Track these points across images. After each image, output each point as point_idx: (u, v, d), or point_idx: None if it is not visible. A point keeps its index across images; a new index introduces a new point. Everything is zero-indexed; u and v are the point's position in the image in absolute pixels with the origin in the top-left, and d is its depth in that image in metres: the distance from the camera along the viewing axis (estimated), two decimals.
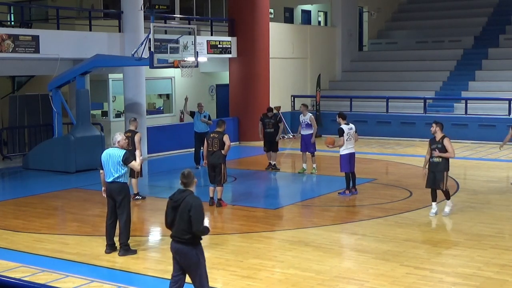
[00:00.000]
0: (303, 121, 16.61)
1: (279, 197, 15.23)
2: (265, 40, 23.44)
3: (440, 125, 12.22)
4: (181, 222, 7.05)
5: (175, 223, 7.11)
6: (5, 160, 19.24)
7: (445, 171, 11.96)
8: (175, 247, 7.13)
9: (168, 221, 7.23)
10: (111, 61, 18.27)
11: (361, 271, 9.01)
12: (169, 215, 7.20)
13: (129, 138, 13.39)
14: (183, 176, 7.25)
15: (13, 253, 10.11)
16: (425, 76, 27.06)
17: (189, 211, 7.01)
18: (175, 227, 7.13)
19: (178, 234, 7.09)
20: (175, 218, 7.11)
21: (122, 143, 10.09)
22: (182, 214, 7.04)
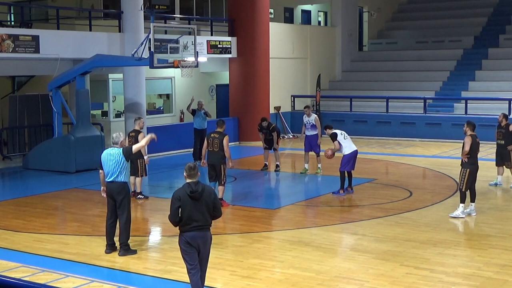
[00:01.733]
0: (308, 122, 16.64)
1: (279, 197, 15.23)
2: (265, 40, 23.44)
3: (471, 125, 12.06)
4: (206, 211, 7.46)
5: (198, 213, 7.42)
6: (5, 160, 19.24)
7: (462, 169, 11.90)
8: (202, 235, 7.48)
9: (185, 215, 7.40)
10: (111, 61, 18.26)
11: (361, 271, 9.01)
12: (187, 208, 7.40)
13: (133, 138, 13.53)
14: (190, 168, 7.58)
15: (13, 253, 10.11)
16: (425, 76, 27.07)
17: (214, 199, 7.54)
18: (198, 217, 7.41)
19: (204, 222, 7.47)
20: (196, 209, 7.41)
21: (124, 143, 10.13)
22: (207, 203, 7.46)
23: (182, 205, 7.42)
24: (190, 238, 7.46)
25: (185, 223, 7.44)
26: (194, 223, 7.42)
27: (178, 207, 7.42)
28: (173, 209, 7.43)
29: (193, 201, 7.42)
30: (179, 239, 7.56)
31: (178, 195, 7.47)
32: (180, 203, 7.42)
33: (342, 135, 14.08)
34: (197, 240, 7.47)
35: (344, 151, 14.01)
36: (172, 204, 7.46)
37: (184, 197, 7.43)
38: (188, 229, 7.44)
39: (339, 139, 14.00)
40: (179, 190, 7.57)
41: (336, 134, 14.04)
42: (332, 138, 14.09)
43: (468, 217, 11.96)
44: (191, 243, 7.46)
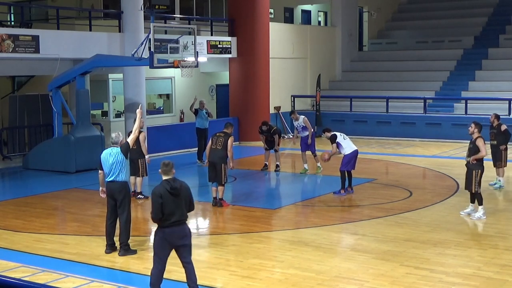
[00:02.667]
0: (298, 125, 16.82)
1: (279, 197, 15.23)
2: (265, 40, 23.43)
3: (479, 126, 11.98)
4: (184, 206, 7.76)
5: (178, 209, 7.66)
6: (5, 160, 19.23)
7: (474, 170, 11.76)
8: (181, 229, 7.73)
9: (166, 211, 7.60)
10: (111, 61, 18.26)
11: (361, 271, 9.01)
12: (169, 205, 7.61)
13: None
14: (164, 165, 7.86)
15: (13, 253, 10.11)
16: (425, 76, 27.07)
17: (190, 194, 7.86)
18: (177, 212, 7.66)
19: (183, 217, 7.75)
20: (176, 205, 7.66)
21: (123, 143, 10.13)
22: (185, 198, 7.79)
23: (164, 202, 7.62)
24: (168, 234, 7.68)
25: (166, 219, 7.65)
26: (174, 218, 7.66)
27: (161, 204, 7.61)
28: (156, 207, 7.61)
29: (173, 197, 7.67)
30: (156, 234, 7.79)
31: (159, 193, 7.66)
32: (162, 200, 7.61)
33: (341, 136, 14.11)
34: (174, 236, 7.68)
35: (345, 152, 14.02)
36: (154, 202, 7.64)
37: (165, 194, 7.64)
38: (168, 224, 7.65)
39: (339, 140, 14.00)
40: (159, 187, 7.75)
41: (336, 136, 14.06)
42: (331, 140, 14.08)
43: (467, 217, 11.96)
44: (167, 239, 7.68)
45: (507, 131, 14.59)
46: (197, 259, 9.70)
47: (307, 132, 16.71)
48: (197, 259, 9.70)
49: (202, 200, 14.02)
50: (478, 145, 11.70)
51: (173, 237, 7.69)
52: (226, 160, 13.09)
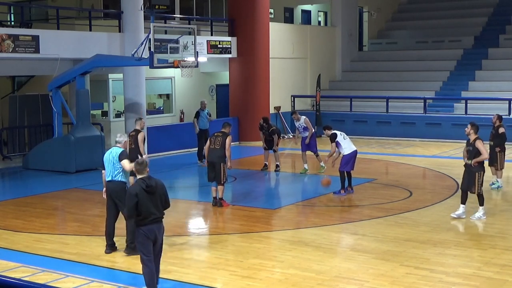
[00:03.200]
0: (300, 125, 16.81)
1: (279, 197, 15.23)
2: (265, 40, 23.44)
3: (476, 127, 11.90)
4: (160, 203, 7.99)
5: (154, 206, 7.89)
6: (5, 160, 19.23)
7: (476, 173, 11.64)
8: (158, 226, 7.98)
9: (143, 209, 7.83)
10: (111, 61, 18.26)
11: (361, 271, 9.01)
12: (144, 203, 7.82)
13: (133, 137, 13.67)
14: (138, 164, 8.09)
15: (13, 253, 10.11)
16: (425, 76, 27.07)
17: (165, 192, 8.06)
18: (154, 210, 7.88)
19: (160, 214, 7.99)
20: (152, 202, 7.88)
21: (126, 144, 10.17)
22: (161, 196, 8.00)
23: (140, 200, 7.82)
24: (147, 231, 7.89)
25: (144, 217, 7.86)
26: (152, 216, 7.89)
27: (136, 202, 7.81)
28: (131, 205, 7.83)
29: (149, 195, 7.87)
30: (137, 232, 7.99)
31: (135, 191, 7.86)
32: (138, 198, 7.81)
33: (341, 135, 14.13)
34: (154, 232, 7.93)
35: (344, 151, 14.03)
36: (130, 201, 7.85)
37: (140, 193, 7.84)
38: (146, 222, 7.88)
39: (338, 139, 14.02)
40: (134, 186, 7.96)
41: (336, 135, 14.08)
42: (331, 139, 14.11)
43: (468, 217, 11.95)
44: (148, 235, 7.89)
45: (503, 134, 14.54)
46: (197, 259, 9.73)
47: (307, 132, 16.75)
48: (197, 259, 9.73)
49: (202, 200, 14.03)
50: (478, 147, 11.60)
51: (153, 233, 7.94)
52: (225, 160, 13.07)
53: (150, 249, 7.95)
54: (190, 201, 14.22)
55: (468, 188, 11.79)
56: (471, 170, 11.66)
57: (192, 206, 13.84)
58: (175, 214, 13.17)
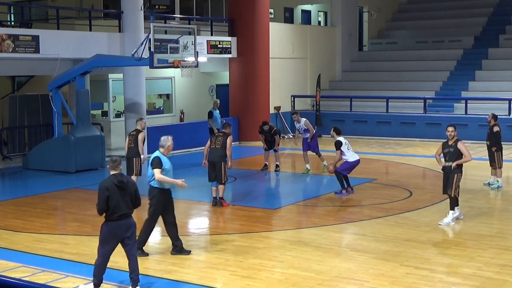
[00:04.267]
0: (300, 127, 16.81)
1: (279, 197, 15.23)
2: (265, 40, 23.43)
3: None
4: (130, 200, 8.14)
5: (123, 202, 8.04)
6: (5, 160, 19.23)
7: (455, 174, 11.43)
8: (126, 223, 8.11)
9: (112, 204, 7.96)
10: (111, 61, 18.27)
11: (361, 271, 9.01)
12: (114, 198, 7.97)
13: (133, 136, 13.84)
14: (112, 161, 8.22)
15: (13, 253, 10.11)
16: (425, 76, 27.07)
17: (136, 190, 8.22)
18: (123, 207, 8.03)
19: (129, 210, 8.14)
20: (122, 198, 8.03)
21: (171, 147, 9.85)
22: (131, 193, 8.15)
23: (110, 195, 7.97)
24: (114, 227, 8.04)
25: (112, 212, 8.01)
26: (120, 211, 8.02)
27: (107, 196, 7.95)
28: (102, 199, 7.96)
29: (120, 191, 8.02)
30: (103, 225, 8.11)
31: (106, 186, 8.01)
32: (109, 193, 7.96)
33: (346, 145, 13.99)
34: (121, 229, 8.05)
35: (347, 158, 13.98)
36: (101, 194, 7.98)
37: (112, 188, 7.99)
38: (115, 218, 8.02)
39: (343, 149, 13.92)
40: (106, 181, 8.09)
41: (341, 144, 13.91)
42: (336, 146, 13.96)
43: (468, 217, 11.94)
44: (115, 231, 8.05)
45: (498, 133, 14.56)
46: (197, 259, 9.72)
47: (309, 134, 16.78)
48: (197, 259, 9.72)
49: (202, 200, 14.02)
50: (461, 149, 11.42)
51: (121, 230, 8.06)
52: (225, 159, 13.08)
53: (112, 244, 8.11)
54: (190, 201, 14.21)
55: (445, 190, 11.57)
56: (451, 172, 11.44)
57: (192, 206, 13.83)
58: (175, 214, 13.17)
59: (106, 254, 8.13)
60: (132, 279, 8.27)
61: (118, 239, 8.11)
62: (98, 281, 8.21)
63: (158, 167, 9.49)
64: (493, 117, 14.78)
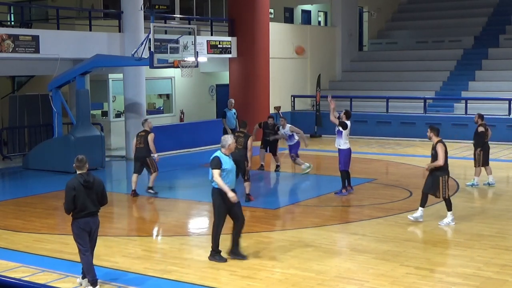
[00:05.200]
0: (285, 133, 16.76)
1: (279, 197, 15.23)
2: (265, 40, 23.43)
3: (436, 130, 11.81)
4: (96, 198, 8.34)
5: (90, 201, 8.25)
6: (5, 160, 19.23)
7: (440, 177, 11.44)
8: (94, 220, 8.35)
9: (79, 203, 8.17)
10: (111, 61, 18.27)
11: (361, 271, 9.01)
12: (81, 197, 8.17)
13: (142, 137, 14.15)
14: (78, 161, 8.50)
15: (13, 253, 10.11)
16: (425, 76, 27.07)
17: (103, 189, 8.42)
18: (90, 204, 8.24)
19: (95, 209, 8.35)
20: (89, 197, 8.23)
21: (232, 146, 9.56)
22: (97, 191, 8.35)
23: (77, 194, 8.17)
24: (83, 224, 8.25)
25: (80, 210, 8.22)
26: (87, 210, 8.23)
27: (74, 196, 8.16)
28: (69, 199, 8.18)
29: (86, 190, 8.22)
30: (73, 225, 8.31)
31: (73, 185, 8.22)
32: (75, 192, 8.17)
33: (348, 130, 14.04)
34: (90, 225, 8.30)
35: (342, 144, 13.87)
36: (68, 194, 8.19)
37: (78, 187, 8.20)
38: (82, 215, 8.24)
39: (344, 132, 13.89)
40: (72, 180, 8.29)
41: (347, 126, 13.90)
42: (341, 124, 13.84)
43: (468, 217, 11.93)
44: (84, 228, 8.25)
45: (482, 133, 14.71)
46: (197, 259, 9.72)
47: (294, 139, 16.70)
48: (197, 259, 9.72)
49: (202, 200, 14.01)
50: (438, 152, 11.45)
51: (87, 226, 8.29)
52: (247, 157, 13.57)
53: (86, 240, 8.30)
54: (190, 201, 14.22)
55: (433, 193, 11.52)
56: (435, 174, 11.43)
57: (192, 206, 13.84)
58: (175, 214, 13.19)
59: (87, 249, 8.32)
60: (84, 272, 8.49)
61: (87, 232, 8.35)
62: (92, 277, 8.33)
63: (218, 167, 9.27)
64: (480, 117, 14.93)
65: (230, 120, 19.19)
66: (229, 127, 18.94)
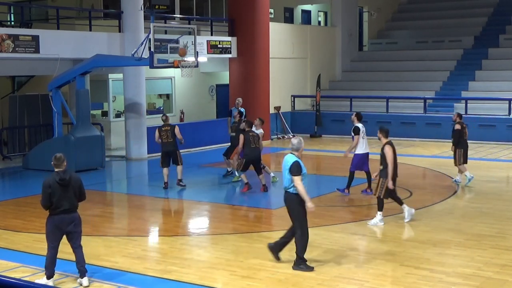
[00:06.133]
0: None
1: (279, 197, 15.17)
2: (265, 40, 23.43)
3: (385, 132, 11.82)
4: (73, 196, 8.51)
5: (66, 198, 8.41)
6: (5, 160, 19.23)
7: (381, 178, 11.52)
8: (70, 217, 8.50)
9: (54, 200, 8.35)
10: (111, 61, 18.26)
11: (361, 271, 9.01)
12: (56, 194, 8.35)
13: (166, 132, 14.76)
14: (55, 159, 8.51)
15: (13, 253, 10.12)
16: (425, 76, 27.07)
17: (80, 185, 8.63)
18: (65, 202, 8.41)
19: (71, 206, 8.50)
20: (65, 194, 8.39)
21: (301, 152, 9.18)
22: (74, 188, 8.52)
23: (52, 192, 8.34)
24: (58, 220, 8.43)
25: (55, 207, 8.39)
26: (63, 207, 8.40)
27: (50, 193, 8.34)
28: (45, 196, 8.38)
29: (62, 188, 8.38)
30: (47, 221, 8.49)
31: (49, 183, 8.38)
32: (51, 190, 8.34)
33: (363, 133, 14.01)
34: (64, 222, 8.45)
35: (357, 149, 13.91)
36: (44, 191, 8.38)
37: (54, 184, 8.36)
38: (57, 212, 8.41)
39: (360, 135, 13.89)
40: (49, 178, 8.42)
41: (359, 130, 13.87)
42: (354, 131, 13.81)
43: (468, 217, 11.93)
44: (58, 225, 8.43)
45: (457, 131, 15.13)
46: (197, 259, 9.72)
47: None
48: (197, 259, 9.72)
49: (202, 200, 14.02)
50: (386, 153, 11.45)
51: (63, 224, 8.44)
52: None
53: (56, 238, 8.50)
54: (190, 201, 14.22)
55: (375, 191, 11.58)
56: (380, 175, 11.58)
57: (192, 206, 13.84)
58: (175, 214, 13.20)
59: (52, 247, 8.51)
60: (80, 270, 8.61)
61: (62, 232, 8.51)
62: (50, 273, 8.51)
63: (299, 173, 8.93)
64: (458, 116, 15.41)
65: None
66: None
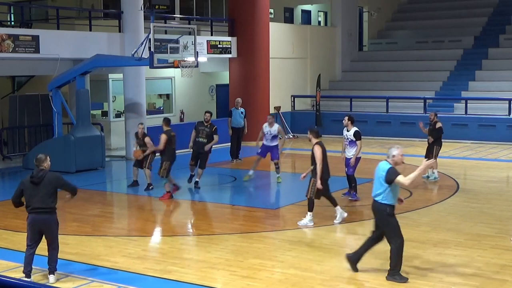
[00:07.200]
0: (269, 132, 15.47)
1: (279, 197, 15.22)
2: (265, 40, 23.43)
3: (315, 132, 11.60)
4: (45, 195, 8.42)
5: (36, 198, 8.38)
6: (5, 160, 19.23)
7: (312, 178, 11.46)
8: (41, 219, 8.47)
9: (25, 198, 8.45)
10: (111, 61, 18.26)
11: (361, 271, 9.01)
12: (27, 192, 8.42)
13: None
14: (36, 159, 8.56)
15: (13, 253, 10.11)
16: (425, 76, 27.08)
17: (56, 184, 8.53)
18: (36, 201, 8.39)
19: (43, 205, 8.43)
20: (36, 193, 8.37)
21: (397, 158, 8.82)
22: (47, 187, 8.42)
23: (24, 189, 8.47)
24: (31, 220, 8.50)
25: (27, 205, 8.52)
26: (32, 205, 8.43)
27: (21, 190, 8.49)
28: (16, 191, 8.57)
29: (33, 186, 8.39)
30: (27, 219, 8.59)
31: (23, 180, 8.57)
32: (23, 187, 8.49)
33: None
34: (37, 223, 8.48)
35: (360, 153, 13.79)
36: (17, 187, 8.57)
37: (26, 182, 8.48)
38: (29, 211, 8.49)
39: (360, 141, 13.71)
40: (27, 176, 8.57)
41: (360, 135, 13.53)
42: (356, 136, 13.34)
43: (468, 217, 11.93)
44: (30, 224, 8.50)
45: (440, 128, 15.50)
46: (197, 259, 9.72)
47: (275, 142, 15.57)
48: (197, 259, 9.72)
49: (202, 200, 14.02)
50: (315, 153, 11.28)
51: (36, 223, 8.49)
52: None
53: (33, 236, 8.52)
54: (190, 201, 14.22)
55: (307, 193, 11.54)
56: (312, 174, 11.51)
57: (192, 206, 13.84)
58: (175, 214, 13.20)
59: (30, 245, 8.58)
60: (50, 268, 8.71)
61: (35, 232, 8.55)
62: (26, 271, 8.61)
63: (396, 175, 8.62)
64: (435, 115, 15.87)
65: (237, 119, 19.15)
66: (236, 126, 18.95)
